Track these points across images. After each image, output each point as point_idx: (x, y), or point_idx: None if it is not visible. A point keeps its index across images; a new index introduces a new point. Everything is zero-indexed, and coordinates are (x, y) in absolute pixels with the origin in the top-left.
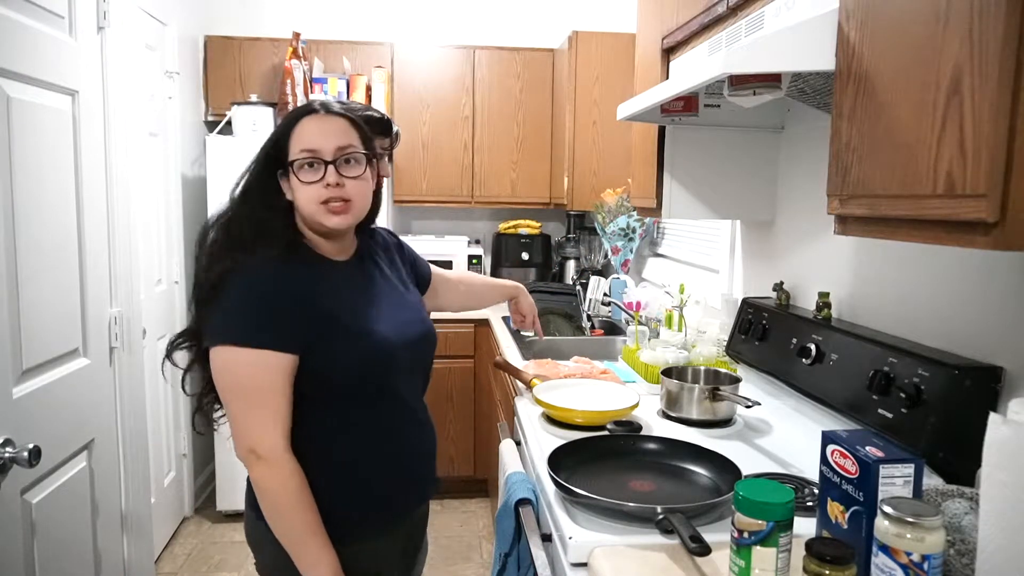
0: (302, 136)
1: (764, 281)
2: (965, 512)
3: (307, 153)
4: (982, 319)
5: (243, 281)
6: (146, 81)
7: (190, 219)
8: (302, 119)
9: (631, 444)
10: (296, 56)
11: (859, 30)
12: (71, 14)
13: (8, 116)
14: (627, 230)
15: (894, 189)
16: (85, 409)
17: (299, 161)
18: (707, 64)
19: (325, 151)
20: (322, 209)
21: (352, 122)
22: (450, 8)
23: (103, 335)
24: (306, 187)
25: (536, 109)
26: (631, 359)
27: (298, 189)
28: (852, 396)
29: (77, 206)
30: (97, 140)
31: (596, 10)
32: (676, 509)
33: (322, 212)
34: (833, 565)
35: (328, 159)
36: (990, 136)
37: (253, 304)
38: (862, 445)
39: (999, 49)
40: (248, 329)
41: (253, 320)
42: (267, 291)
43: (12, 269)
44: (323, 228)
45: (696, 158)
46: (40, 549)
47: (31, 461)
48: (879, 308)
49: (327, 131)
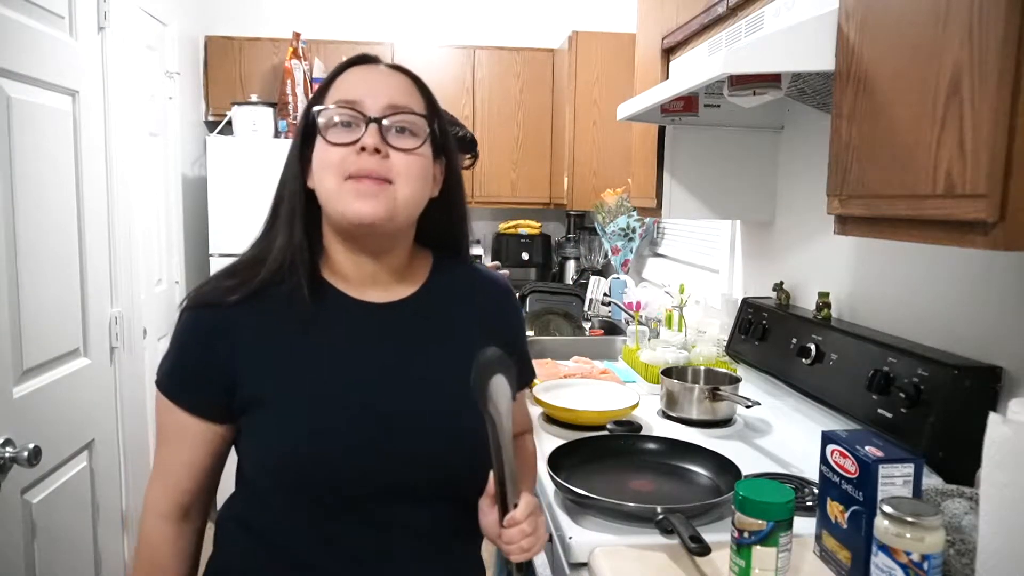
0: (340, 87)
1: (764, 281)
2: (965, 512)
3: (343, 105)
4: (982, 319)
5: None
6: (146, 81)
7: (190, 219)
8: (350, 69)
9: (631, 444)
10: (296, 56)
11: (859, 30)
12: (71, 14)
13: (8, 116)
14: (627, 230)
15: (894, 189)
16: (85, 409)
17: (328, 113)
18: (707, 64)
19: (369, 105)
20: (346, 187)
21: (416, 83)
22: (450, 8)
23: (103, 335)
24: (330, 151)
25: (536, 109)
26: (631, 359)
27: (319, 158)
28: (852, 396)
29: (77, 206)
30: (97, 140)
31: (596, 10)
32: (676, 509)
33: (344, 192)
34: None
35: (372, 115)
36: (990, 136)
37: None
38: (862, 445)
39: (999, 50)
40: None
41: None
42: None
43: (12, 269)
44: (343, 219)
45: (696, 158)
46: (40, 549)
47: (31, 461)
48: (879, 308)
49: (377, 82)
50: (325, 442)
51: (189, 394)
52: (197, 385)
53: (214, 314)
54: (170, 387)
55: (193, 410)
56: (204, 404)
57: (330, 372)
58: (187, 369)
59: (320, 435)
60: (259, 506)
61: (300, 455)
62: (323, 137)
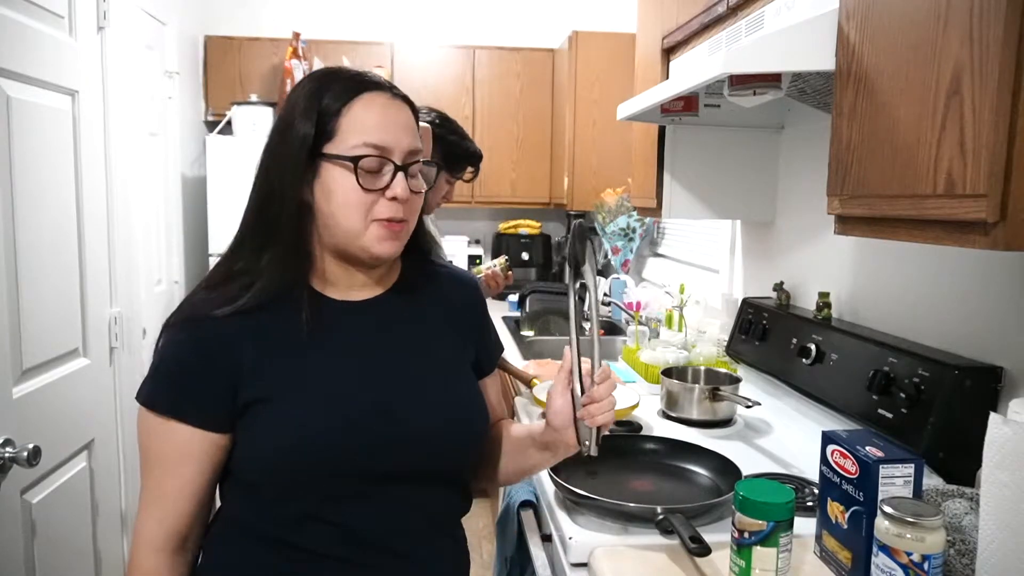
0: (365, 122)
1: (764, 281)
2: (965, 512)
3: (373, 150)
4: (982, 319)
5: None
6: (146, 81)
7: (190, 219)
8: (363, 94)
9: (631, 444)
10: (296, 56)
11: (859, 30)
12: (71, 14)
13: (8, 116)
14: (627, 230)
15: (894, 189)
16: (85, 409)
17: (368, 159)
18: (707, 64)
19: (395, 151)
20: (373, 229)
21: (415, 115)
22: (450, 8)
23: (103, 335)
24: (360, 195)
25: (536, 109)
26: (631, 359)
27: (345, 194)
28: (852, 396)
29: (77, 206)
30: (97, 140)
31: (596, 10)
32: (676, 509)
33: (372, 233)
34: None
35: (398, 163)
36: (990, 136)
37: (170, 355)
38: (862, 445)
39: (999, 49)
40: (162, 387)
41: (167, 375)
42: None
43: (12, 269)
44: (365, 254)
45: (696, 158)
46: (40, 549)
47: (31, 461)
48: (879, 308)
49: (399, 124)
50: (334, 433)
51: (191, 406)
52: (199, 396)
53: (208, 325)
54: (169, 404)
55: (197, 422)
56: (207, 414)
57: (329, 366)
58: (187, 382)
59: (330, 427)
60: (256, 507)
61: (310, 446)
62: (358, 180)
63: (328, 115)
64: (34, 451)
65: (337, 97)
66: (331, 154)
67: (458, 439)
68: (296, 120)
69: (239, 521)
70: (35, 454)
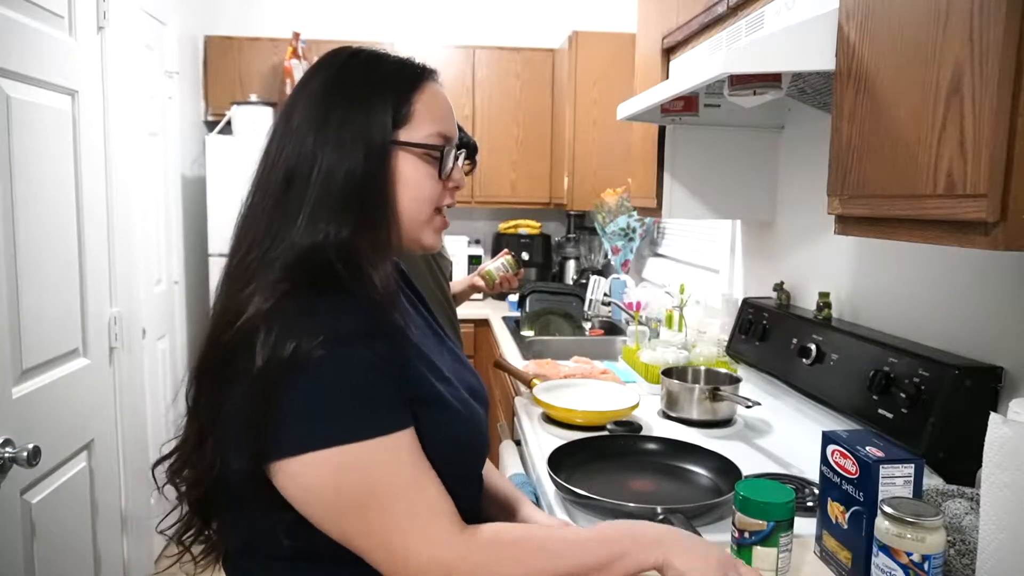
0: (435, 110)
1: (764, 281)
2: (965, 512)
3: (444, 140)
4: (982, 319)
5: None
6: (146, 81)
7: (190, 219)
8: (428, 82)
9: (631, 444)
10: (296, 56)
11: (859, 30)
12: (71, 14)
13: (8, 116)
14: (627, 230)
15: (894, 189)
16: (85, 409)
17: (447, 148)
18: (707, 64)
19: (454, 140)
20: (436, 221)
21: None
22: (450, 8)
23: (103, 335)
24: (435, 186)
25: (536, 109)
26: (631, 359)
27: (420, 184)
28: (852, 396)
29: (77, 206)
30: (97, 140)
31: (596, 10)
32: (676, 509)
33: (434, 224)
34: None
35: (456, 152)
36: (990, 136)
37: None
38: (862, 445)
39: (999, 49)
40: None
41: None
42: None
43: (12, 269)
44: (416, 244)
45: (696, 158)
46: (40, 549)
47: (31, 461)
48: (879, 308)
49: (452, 112)
50: (482, 422)
51: (405, 413)
52: (403, 403)
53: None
54: (396, 419)
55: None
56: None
57: (442, 351)
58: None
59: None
60: None
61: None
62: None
63: (402, 101)
64: (34, 451)
65: (405, 83)
66: (410, 142)
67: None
68: (373, 98)
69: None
70: (35, 454)
